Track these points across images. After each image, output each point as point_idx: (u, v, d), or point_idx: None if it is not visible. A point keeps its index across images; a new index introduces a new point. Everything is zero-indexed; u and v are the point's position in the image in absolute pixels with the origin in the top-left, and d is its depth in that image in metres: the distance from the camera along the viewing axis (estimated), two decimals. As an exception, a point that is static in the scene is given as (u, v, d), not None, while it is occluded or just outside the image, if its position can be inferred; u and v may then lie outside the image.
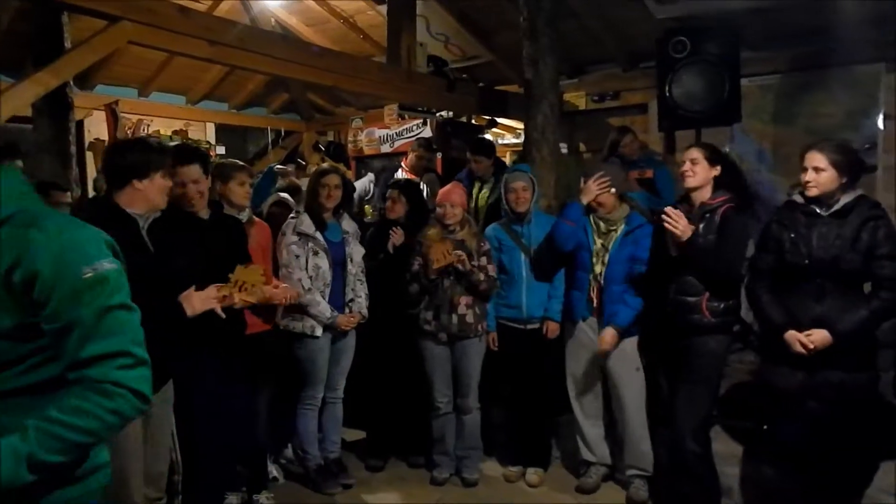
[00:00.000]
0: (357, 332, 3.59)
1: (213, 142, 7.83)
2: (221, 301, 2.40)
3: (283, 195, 4.08)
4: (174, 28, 3.58)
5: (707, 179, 2.94)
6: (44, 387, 1.30)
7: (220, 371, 2.88)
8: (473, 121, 6.52)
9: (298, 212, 3.53)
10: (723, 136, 5.04)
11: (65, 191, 3.91)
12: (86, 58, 3.50)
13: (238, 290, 2.51)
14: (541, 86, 4.54)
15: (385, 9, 5.47)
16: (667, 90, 4.31)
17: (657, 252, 3.07)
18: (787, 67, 5.21)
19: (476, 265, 3.49)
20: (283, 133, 8.64)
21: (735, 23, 4.39)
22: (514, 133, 7.37)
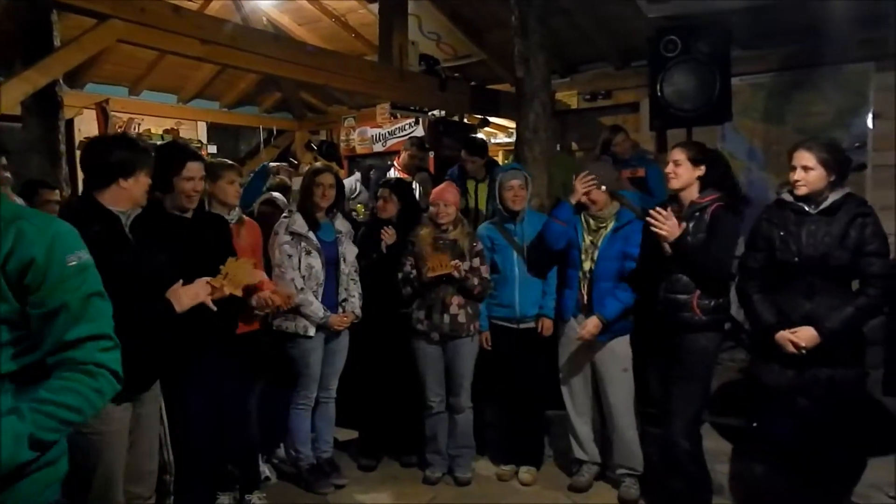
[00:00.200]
0: (350, 332, 3.58)
1: (205, 141, 7.80)
2: (211, 293, 2.39)
3: (275, 194, 4.07)
4: (165, 27, 3.58)
5: (691, 180, 2.94)
6: (22, 374, 1.37)
7: (213, 371, 2.88)
8: (465, 120, 6.51)
9: (291, 211, 3.53)
10: (714, 135, 5.07)
11: (53, 189, 3.89)
12: (75, 56, 3.49)
13: (228, 283, 2.51)
14: (532, 84, 4.54)
15: (377, 7, 5.46)
16: (658, 89, 4.31)
17: (647, 250, 3.08)
18: (778, 66, 5.25)
19: (469, 267, 3.49)
20: (275, 132, 8.61)
21: (726, 22, 4.41)
22: (507, 132, 7.37)
